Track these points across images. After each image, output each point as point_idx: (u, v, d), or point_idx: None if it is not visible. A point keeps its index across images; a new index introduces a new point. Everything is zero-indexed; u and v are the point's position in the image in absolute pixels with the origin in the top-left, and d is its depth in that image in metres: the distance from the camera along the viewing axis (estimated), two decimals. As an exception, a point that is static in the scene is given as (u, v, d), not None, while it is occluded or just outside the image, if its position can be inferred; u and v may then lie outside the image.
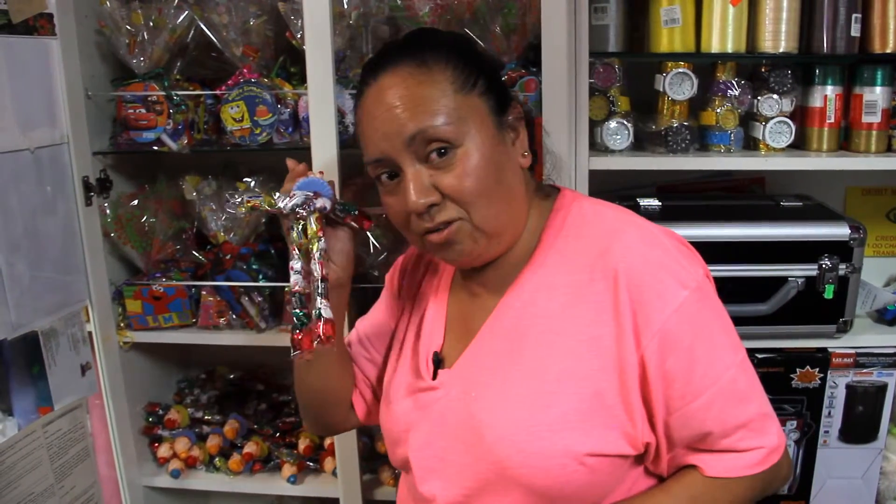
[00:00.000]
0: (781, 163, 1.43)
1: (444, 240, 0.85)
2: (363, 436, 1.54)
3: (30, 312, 1.31)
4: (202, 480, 1.65)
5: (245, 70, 1.47)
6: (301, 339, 0.87)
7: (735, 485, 0.87)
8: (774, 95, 1.43)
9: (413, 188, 0.83)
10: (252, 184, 1.56)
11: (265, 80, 1.47)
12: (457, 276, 0.99)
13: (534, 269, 0.90)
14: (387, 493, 1.57)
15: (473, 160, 0.83)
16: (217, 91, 1.49)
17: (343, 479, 1.51)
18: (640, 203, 1.48)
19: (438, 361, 0.95)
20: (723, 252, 1.37)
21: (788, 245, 1.37)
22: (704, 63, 1.46)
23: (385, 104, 0.84)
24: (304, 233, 0.89)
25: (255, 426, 1.66)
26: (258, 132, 1.47)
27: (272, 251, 1.63)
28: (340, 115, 1.38)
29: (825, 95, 1.43)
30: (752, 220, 1.40)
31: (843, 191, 1.67)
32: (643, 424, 0.85)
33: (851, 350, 1.43)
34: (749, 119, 1.47)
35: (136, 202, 1.57)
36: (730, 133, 1.45)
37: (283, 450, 1.63)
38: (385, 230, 1.50)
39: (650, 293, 0.83)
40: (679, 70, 1.41)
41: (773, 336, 1.42)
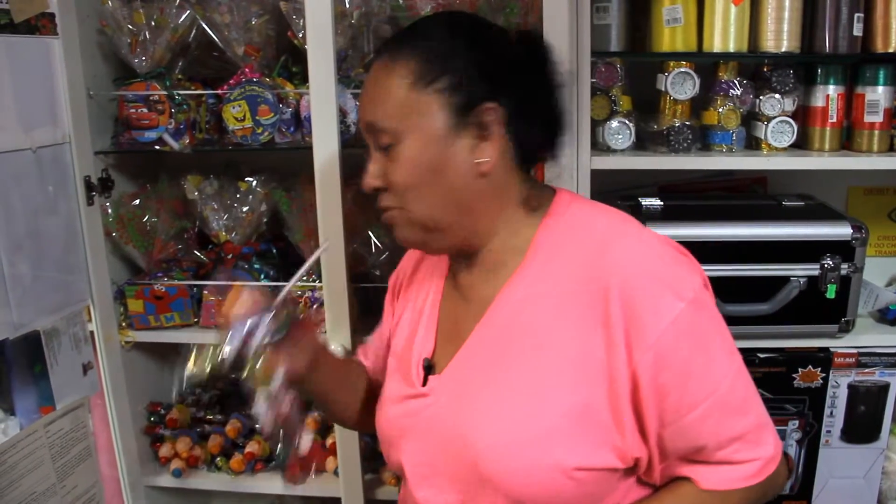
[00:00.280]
0: (783, 162, 1.43)
1: (389, 220, 0.90)
2: (365, 436, 1.53)
3: (32, 312, 1.31)
4: (204, 480, 1.65)
5: (247, 69, 1.47)
6: (293, 475, 0.91)
7: (731, 497, 0.86)
8: (776, 95, 1.42)
9: (368, 171, 0.89)
10: (254, 183, 1.56)
11: (267, 80, 1.47)
12: (449, 280, 0.99)
13: (523, 276, 0.89)
14: (388, 493, 1.57)
15: (411, 156, 0.85)
16: (219, 90, 1.49)
17: (345, 479, 1.51)
18: (642, 203, 1.48)
19: (429, 368, 0.95)
20: (725, 252, 1.37)
21: (790, 245, 1.37)
22: (706, 62, 1.46)
23: (364, 88, 0.90)
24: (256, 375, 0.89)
25: (257, 426, 1.66)
26: (260, 132, 1.47)
27: (274, 251, 1.63)
28: (342, 115, 1.38)
29: (827, 95, 1.43)
30: (754, 220, 1.40)
31: (845, 190, 1.67)
32: (633, 438, 0.83)
33: (853, 350, 1.43)
34: (751, 119, 1.47)
35: (138, 202, 1.57)
36: (732, 133, 1.45)
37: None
38: (387, 229, 1.50)
39: (644, 306, 0.80)
40: (681, 69, 1.41)
41: (775, 336, 1.41)
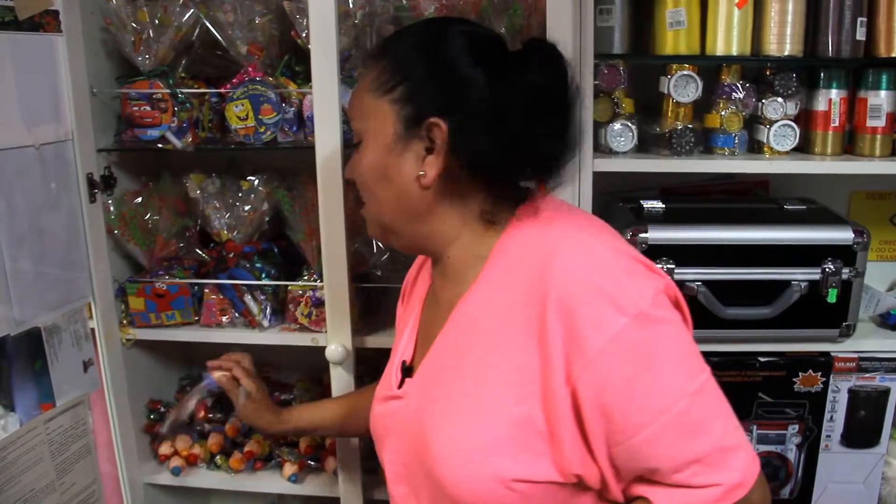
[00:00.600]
0: (785, 166, 1.42)
1: (362, 216, 0.97)
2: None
3: (33, 308, 1.31)
4: (203, 478, 1.65)
5: (250, 68, 1.47)
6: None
7: None
8: (779, 98, 1.42)
9: (348, 164, 0.95)
10: (256, 182, 1.56)
11: (270, 79, 1.47)
12: (431, 290, 1.01)
13: (482, 282, 0.88)
14: (387, 493, 1.57)
15: (366, 157, 0.90)
16: (222, 89, 1.49)
17: (344, 479, 1.51)
18: (644, 205, 1.48)
19: (407, 370, 0.98)
20: (726, 255, 1.37)
21: (792, 248, 1.37)
22: (709, 65, 1.45)
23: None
24: None
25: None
26: (262, 131, 1.47)
27: (275, 250, 1.63)
28: (345, 115, 1.38)
29: (830, 99, 1.43)
30: (756, 224, 1.39)
31: (847, 194, 1.67)
32: (574, 454, 0.80)
33: (854, 354, 1.43)
34: (753, 122, 1.47)
35: (140, 199, 1.57)
36: (734, 136, 1.44)
37: (285, 448, 1.63)
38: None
39: (583, 322, 0.77)
40: (684, 72, 1.41)
41: (776, 340, 1.41)
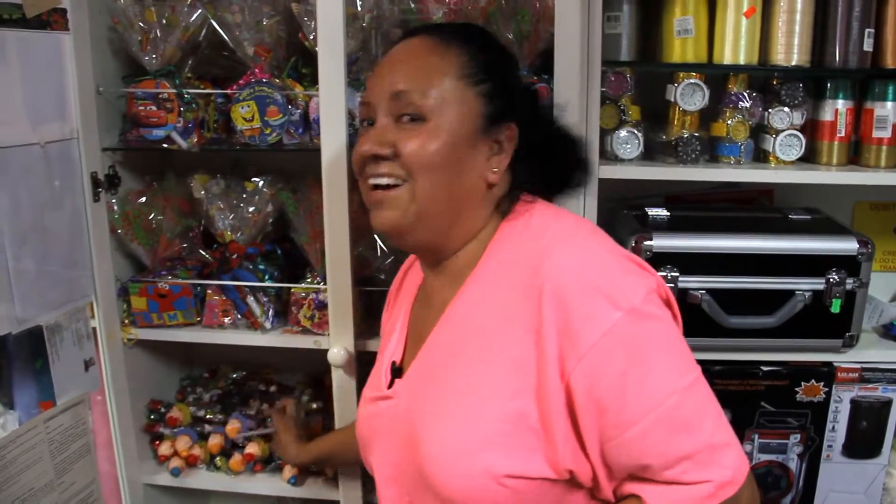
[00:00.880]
0: (791, 176, 1.42)
1: (380, 199, 0.88)
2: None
3: (35, 307, 1.31)
4: (203, 479, 1.65)
5: (257, 70, 1.47)
6: None
7: None
8: (785, 108, 1.42)
9: (374, 134, 0.88)
10: (260, 184, 1.56)
11: (276, 81, 1.47)
12: (422, 287, 1.01)
13: (475, 281, 0.90)
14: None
15: (436, 137, 0.85)
16: (228, 90, 1.49)
17: (344, 482, 1.51)
18: (649, 212, 1.48)
19: (396, 371, 0.97)
20: (730, 264, 1.37)
21: (796, 258, 1.37)
22: (716, 74, 1.45)
23: (394, 57, 0.90)
24: None
25: (258, 426, 1.66)
26: (268, 132, 1.47)
27: (279, 251, 1.62)
28: (351, 118, 1.38)
29: (836, 109, 1.43)
30: (761, 233, 1.39)
31: (852, 205, 1.67)
32: (567, 449, 0.81)
33: (857, 365, 1.42)
34: (759, 131, 1.47)
35: (144, 199, 1.57)
36: (740, 145, 1.44)
37: (285, 451, 1.62)
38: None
39: (578, 315, 0.79)
40: (691, 81, 1.41)
41: (779, 349, 1.41)
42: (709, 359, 0.82)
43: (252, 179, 1.57)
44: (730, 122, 1.44)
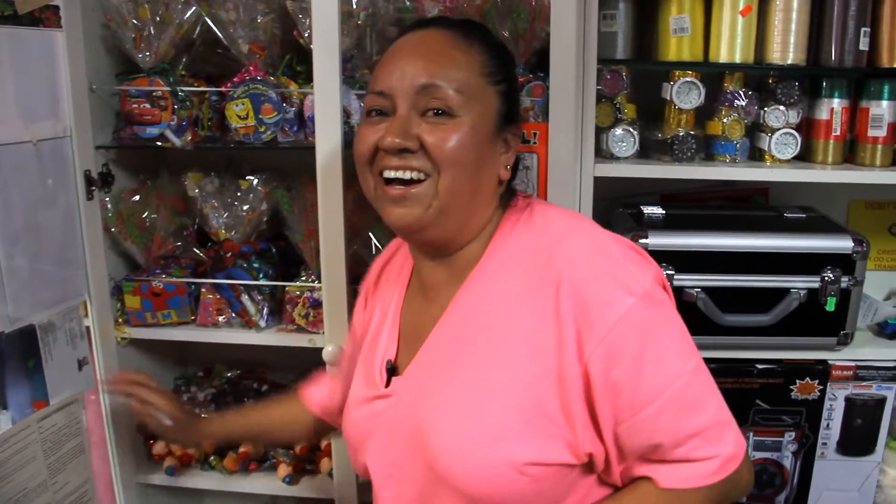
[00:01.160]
0: (786, 174, 1.43)
1: (402, 195, 0.85)
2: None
3: (28, 306, 1.30)
4: (197, 479, 1.64)
5: (251, 67, 1.46)
6: None
7: (691, 496, 0.85)
8: (781, 107, 1.43)
9: (399, 126, 0.85)
10: (255, 182, 1.55)
11: (271, 79, 1.46)
12: (413, 284, 1.00)
13: (479, 275, 0.90)
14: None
15: (463, 132, 0.85)
16: (222, 88, 1.48)
17: (339, 481, 1.50)
18: (644, 211, 1.48)
19: (392, 369, 0.96)
20: (726, 262, 1.37)
21: (791, 257, 1.37)
22: (712, 72, 1.46)
23: (416, 47, 0.88)
24: None
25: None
26: (263, 130, 1.46)
27: (273, 250, 1.62)
28: (346, 116, 1.38)
29: (832, 108, 1.43)
30: (756, 231, 1.40)
31: (847, 204, 1.67)
32: (586, 434, 0.83)
33: (851, 363, 1.43)
34: (755, 130, 1.47)
35: (138, 197, 1.56)
36: (735, 143, 1.45)
37: (280, 450, 1.62)
38: (390, 234, 1.50)
39: (594, 301, 0.81)
40: (686, 79, 1.41)
41: (774, 347, 1.42)
42: (704, 356, 0.83)
43: (246, 177, 1.57)
44: (725, 121, 1.44)
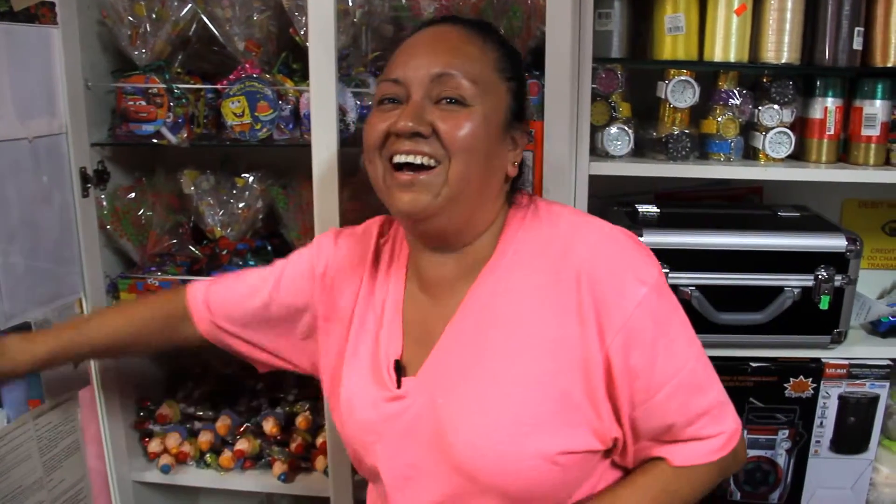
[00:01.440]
0: (780, 173, 1.43)
1: (410, 181, 0.85)
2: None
3: (23, 303, 1.30)
4: (192, 476, 1.64)
5: (247, 65, 1.46)
6: None
7: (700, 471, 0.91)
8: (775, 106, 1.43)
9: (413, 110, 0.85)
10: (250, 179, 1.55)
11: (267, 76, 1.46)
12: (411, 280, 0.99)
13: (491, 271, 0.91)
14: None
15: (476, 122, 0.86)
16: (218, 85, 1.48)
17: (334, 479, 1.50)
18: (639, 209, 1.48)
19: (400, 369, 0.95)
20: (720, 261, 1.37)
21: (785, 255, 1.37)
22: (707, 71, 1.46)
23: (431, 39, 0.90)
24: None
25: (248, 423, 1.65)
26: (258, 128, 1.46)
27: (269, 248, 1.62)
28: (342, 113, 1.38)
29: (825, 107, 1.43)
30: (750, 230, 1.40)
31: (840, 203, 1.68)
32: (609, 419, 0.87)
33: (845, 361, 1.44)
34: (749, 129, 1.48)
35: (134, 195, 1.55)
36: (730, 142, 1.45)
37: (275, 447, 1.62)
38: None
39: (612, 291, 0.85)
40: (681, 78, 1.42)
41: (768, 345, 1.42)
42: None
43: (242, 175, 1.57)
44: (720, 120, 1.45)
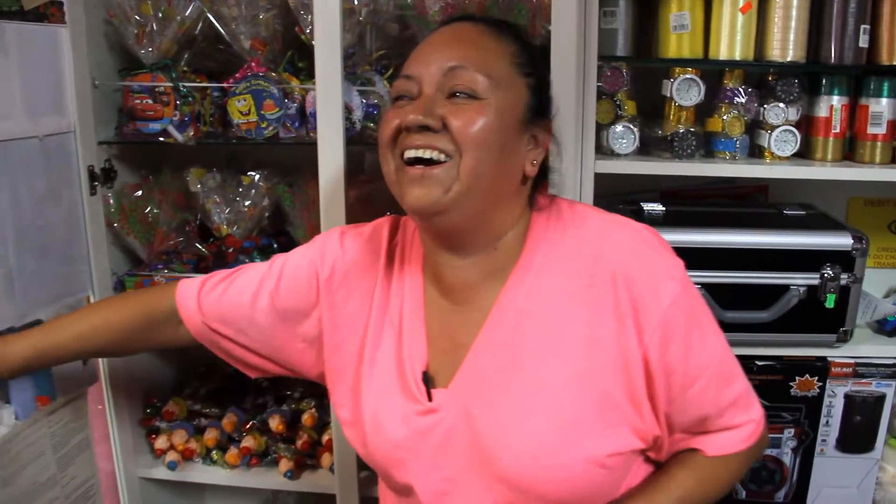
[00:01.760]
0: (785, 171, 1.43)
1: (420, 175, 0.83)
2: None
3: (34, 301, 1.30)
4: (199, 473, 1.65)
5: (253, 63, 1.47)
6: None
7: (733, 460, 0.93)
8: (781, 104, 1.43)
9: (422, 104, 0.84)
10: (256, 178, 1.56)
11: (273, 75, 1.47)
12: (429, 284, 0.95)
13: (521, 275, 0.90)
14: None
15: (488, 116, 0.83)
16: (224, 84, 1.49)
17: (340, 476, 1.51)
18: (644, 207, 1.48)
19: (429, 380, 0.91)
20: (725, 259, 1.37)
21: (791, 253, 1.37)
22: (712, 70, 1.46)
23: (446, 36, 0.89)
24: None
25: (254, 420, 1.66)
26: (264, 126, 1.47)
27: (275, 245, 1.62)
28: (347, 112, 1.38)
29: (831, 105, 1.43)
30: (756, 228, 1.40)
31: (846, 201, 1.67)
32: (650, 418, 0.88)
33: (851, 360, 1.44)
34: (755, 127, 1.48)
35: (140, 193, 1.56)
36: (735, 140, 1.45)
37: (281, 445, 1.62)
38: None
39: (648, 290, 0.85)
40: (686, 76, 1.41)
41: (774, 344, 1.42)
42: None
43: (248, 173, 1.57)
44: (725, 118, 1.45)
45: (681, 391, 0.87)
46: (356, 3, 1.43)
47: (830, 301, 1.38)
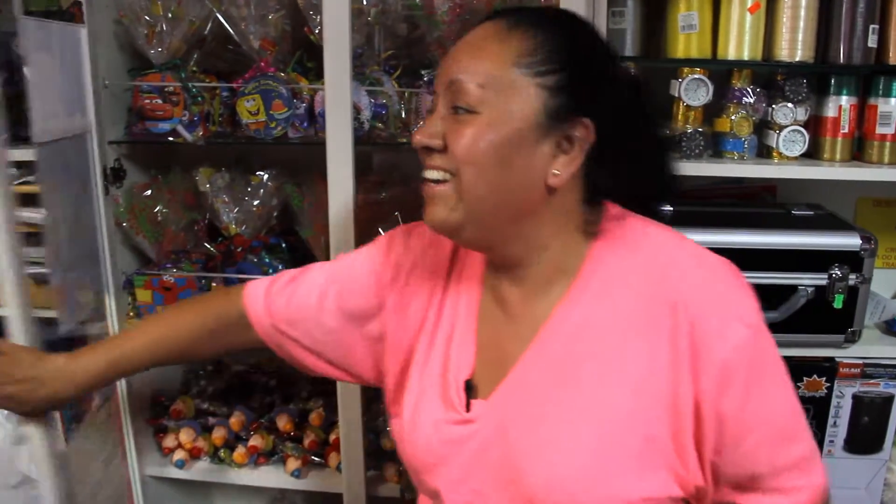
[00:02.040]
0: (794, 171, 1.43)
1: (430, 195, 0.82)
2: (369, 432, 1.54)
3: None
4: (206, 472, 1.66)
5: (262, 63, 1.48)
6: None
7: None
8: (789, 104, 1.43)
9: (428, 124, 0.82)
10: (265, 177, 1.57)
11: (282, 75, 1.47)
12: (487, 294, 0.91)
13: (577, 298, 0.84)
14: (390, 490, 1.57)
15: (484, 132, 0.78)
16: (234, 84, 1.50)
17: (347, 475, 1.51)
18: (652, 207, 1.48)
19: (470, 389, 0.88)
20: (733, 259, 1.34)
21: (799, 254, 1.37)
22: (720, 70, 1.46)
23: (462, 42, 0.84)
24: None
25: (261, 419, 1.66)
26: (273, 126, 1.48)
27: (283, 245, 1.63)
28: (356, 112, 1.39)
29: (840, 105, 1.43)
30: (764, 228, 1.40)
31: (854, 201, 1.67)
32: (695, 466, 0.81)
33: (859, 360, 1.43)
34: (763, 127, 1.48)
35: (150, 192, 1.57)
36: (743, 140, 1.45)
37: (289, 444, 1.63)
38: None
39: (713, 330, 0.79)
40: (695, 76, 1.41)
41: (781, 344, 1.36)
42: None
43: (257, 173, 1.58)
44: (733, 118, 1.45)
45: (732, 442, 0.80)
46: (365, 4, 1.43)
47: (839, 301, 1.38)
